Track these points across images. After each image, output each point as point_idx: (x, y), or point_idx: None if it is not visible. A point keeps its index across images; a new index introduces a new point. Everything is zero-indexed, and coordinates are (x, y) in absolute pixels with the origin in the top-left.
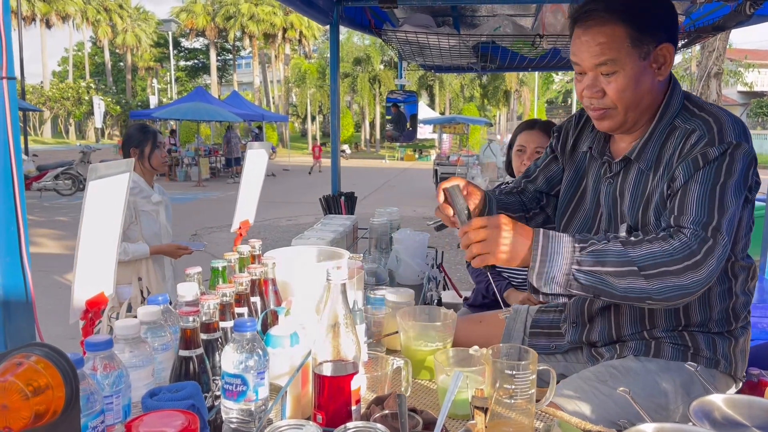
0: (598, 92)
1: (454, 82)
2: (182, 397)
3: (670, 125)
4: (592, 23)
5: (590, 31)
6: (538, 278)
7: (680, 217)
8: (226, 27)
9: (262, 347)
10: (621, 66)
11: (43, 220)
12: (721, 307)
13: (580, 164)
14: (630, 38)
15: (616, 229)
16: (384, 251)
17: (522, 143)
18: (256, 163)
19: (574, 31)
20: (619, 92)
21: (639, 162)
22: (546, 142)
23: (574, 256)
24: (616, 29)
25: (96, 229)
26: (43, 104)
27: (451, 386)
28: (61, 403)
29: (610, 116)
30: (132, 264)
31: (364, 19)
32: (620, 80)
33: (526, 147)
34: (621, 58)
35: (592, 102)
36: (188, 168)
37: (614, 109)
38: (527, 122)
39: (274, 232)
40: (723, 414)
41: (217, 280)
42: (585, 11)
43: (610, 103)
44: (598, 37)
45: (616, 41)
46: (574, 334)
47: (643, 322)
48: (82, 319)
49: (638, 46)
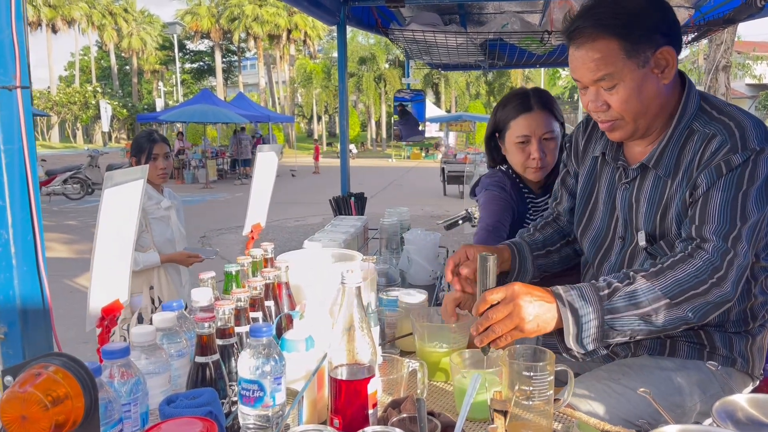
0: (602, 106)
1: (459, 79)
2: (200, 404)
3: (688, 129)
4: (584, 40)
5: (583, 48)
6: (576, 341)
7: (702, 227)
8: (230, 29)
9: (278, 352)
10: (620, 78)
11: (53, 225)
12: (739, 308)
13: (591, 169)
14: (624, 50)
15: (632, 236)
16: (395, 251)
17: (524, 132)
18: (267, 165)
19: (569, 47)
20: (623, 104)
21: (657, 169)
22: (551, 121)
23: (603, 306)
24: (608, 44)
25: (111, 236)
26: (51, 109)
27: (469, 389)
28: (81, 412)
29: (620, 127)
30: (143, 273)
31: (371, 18)
32: (622, 92)
33: (531, 136)
34: (618, 71)
35: (598, 115)
36: (195, 170)
37: (621, 119)
38: (521, 104)
39: (283, 233)
40: (746, 414)
41: (231, 284)
42: (575, 28)
43: (616, 115)
44: (592, 53)
45: (611, 55)
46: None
47: None
48: (98, 327)
49: (634, 56)
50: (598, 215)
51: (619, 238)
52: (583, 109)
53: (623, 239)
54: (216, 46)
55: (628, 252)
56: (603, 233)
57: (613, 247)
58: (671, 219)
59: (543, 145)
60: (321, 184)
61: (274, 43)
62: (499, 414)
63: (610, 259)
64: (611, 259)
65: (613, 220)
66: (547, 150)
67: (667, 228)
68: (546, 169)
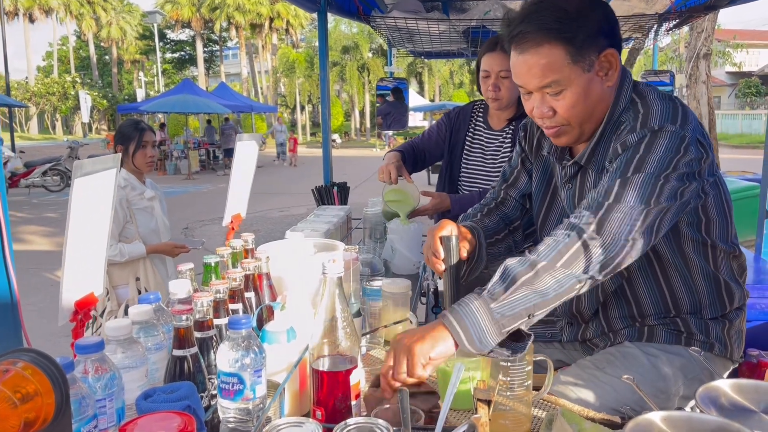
0: (548, 111)
1: (443, 68)
2: (177, 398)
3: (617, 122)
4: (528, 45)
5: (528, 54)
6: (472, 343)
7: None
8: (211, 18)
9: (258, 344)
10: (566, 84)
11: (32, 217)
12: (709, 294)
13: (546, 165)
14: (570, 55)
15: None
16: (378, 241)
17: (485, 68)
18: (246, 155)
19: (511, 52)
20: (570, 109)
21: (589, 166)
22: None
23: (482, 297)
24: (553, 50)
25: (84, 227)
26: (29, 100)
27: (452, 379)
28: (51, 409)
29: (565, 132)
30: (129, 264)
31: (352, 5)
32: (569, 97)
33: (490, 72)
34: (565, 77)
35: (544, 121)
36: (178, 161)
37: (568, 125)
38: (489, 42)
39: (267, 224)
40: (730, 399)
41: (210, 276)
42: (518, 33)
43: (562, 120)
44: (537, 58)
45: (557, 62)
46: (570, 333)
47: (635, 315)
48: (72, 321)
49: (580, 61)
50: (556, 212)
51: None
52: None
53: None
54: (197, 35)
55: None
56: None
57: None
58: None
59: (499, 82)
60: (306, 174)
61: (256, 32)
62: (482, 403)
63: None
64: None
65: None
66: (502, 86)
67: None
68: (500, 102)
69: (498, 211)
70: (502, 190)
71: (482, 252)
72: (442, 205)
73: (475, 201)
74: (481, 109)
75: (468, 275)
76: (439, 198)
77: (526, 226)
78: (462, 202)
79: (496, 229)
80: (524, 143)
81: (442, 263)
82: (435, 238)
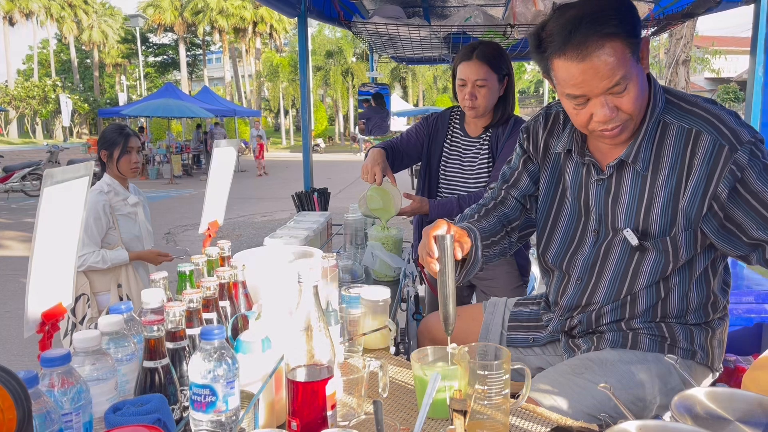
0: (612, 112)
1: (426, 73)
2: (147, 411)
3: (660, 122)
4: (591, 49)
5: (592, 58)
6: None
7: None
8: (194, 22)
9: (232, 355)
10: (630, 78)
11: (11, 222)
12: (699, 301)
13: (555, 166)
14: (629, 47)
15: (607, 230)
16: (359, 247)
17: (462, 77)
18: (224, 162)
19: (563, 62)
20: (634, 102)
21: (635, 164)
22: (487, 72)
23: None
24: (615, 46)
25: (53, 237)
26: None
27: (428, 388)
28: (13, 425)
29: (627, 127)
30: (111, 271)
31: (332, 11)
32: (632, 90)
33: (466, 80)
34: (629, 71)
35: (607, 124)
36: (160, 166)
37: (629, 119)
38: (465, 50)
39: (250, 229)
40: (705, 408)
41: (185, 284)
42: (576, 42)
43: (625, 117)
44: (604, 59)
45: (622, 56)
46: (556, 324)
47: (623, 313)
48: (39, 332)
49: (636, 51)
50: (566, 212)
51: (592, 231)
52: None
53: (597, 233)
54: (180, 39)
55: (603, 245)
56: (573, 227)
57: (585, 240)
58: (656, 214)
59: (475, 90)
60: (292, 179)
61: (239, 36)
62: (458, 414)
63: (584, 251)
64: (584, 252)
65: (585, 215)
66: (479, 94)
67: (650, 223)
68: (477, 110)
69: (496, 211)
70: (502, 189)
71: (478, 253)
72: (421, 209)
73: (453, 206)
74: (458, 116)
75: (463, 277)
76: (420, 203)
77: (522, 227)
78: (440, 208)
79: (493, 230)
80: (527, 145)
81: (436, 262)
82: (430, 237)
